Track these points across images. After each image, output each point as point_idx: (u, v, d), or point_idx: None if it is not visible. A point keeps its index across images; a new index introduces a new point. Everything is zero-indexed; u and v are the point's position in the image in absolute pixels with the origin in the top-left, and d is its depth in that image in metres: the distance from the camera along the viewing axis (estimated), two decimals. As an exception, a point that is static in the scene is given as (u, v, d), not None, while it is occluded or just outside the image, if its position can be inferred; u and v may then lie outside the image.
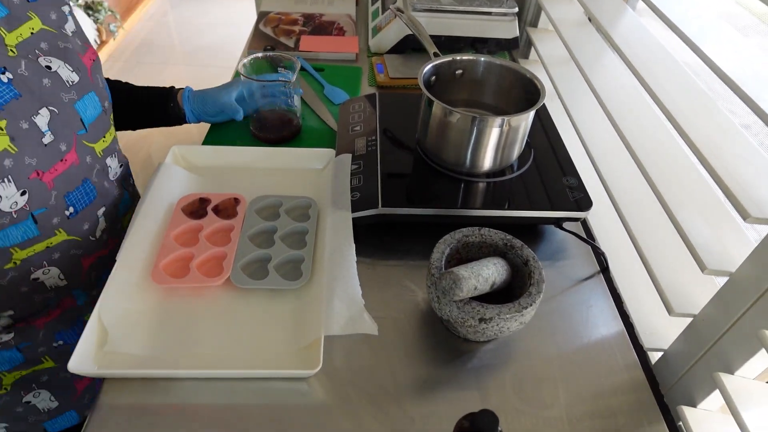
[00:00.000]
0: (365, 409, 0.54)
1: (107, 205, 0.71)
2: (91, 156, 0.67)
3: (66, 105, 0.62)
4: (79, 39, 0.67)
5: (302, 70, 1.08)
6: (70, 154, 0.62)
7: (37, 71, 0.59)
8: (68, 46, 0.63)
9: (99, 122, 0.68)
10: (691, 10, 0.67)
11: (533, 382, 0.58)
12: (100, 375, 0.55)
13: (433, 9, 1.07)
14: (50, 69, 0.60)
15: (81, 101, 0.64)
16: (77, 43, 0.66)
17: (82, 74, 0.64)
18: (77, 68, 0.64)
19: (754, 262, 0.49)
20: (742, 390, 0.49)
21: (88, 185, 0.67)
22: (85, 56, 0.66)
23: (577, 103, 0.88)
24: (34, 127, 0.58)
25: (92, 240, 0.69)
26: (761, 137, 1.06)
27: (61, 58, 0.62)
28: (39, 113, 0.58)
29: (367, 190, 0.72)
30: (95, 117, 0.67)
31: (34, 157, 0.58)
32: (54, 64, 0.61)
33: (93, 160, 0.67)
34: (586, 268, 0.71)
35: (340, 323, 0.57)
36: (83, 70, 0.65)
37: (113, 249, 0.69)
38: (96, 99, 0.67)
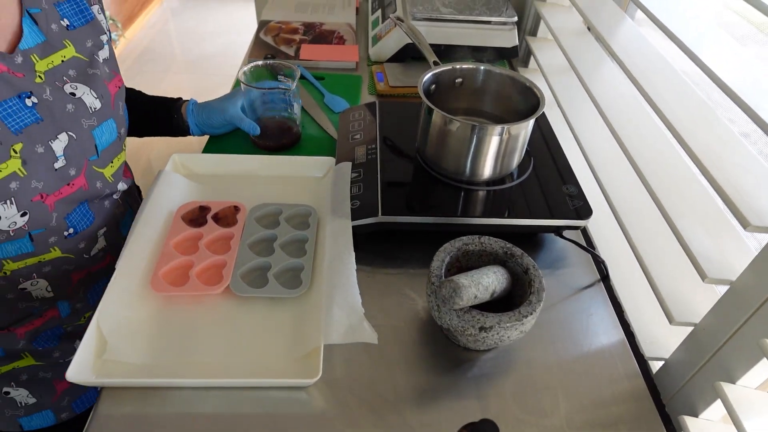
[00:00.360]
0: (365, 418, 0.54)
1: (108, 225, 0.72)
2: (101, 181, 0.67)
3: (85, 131, 0.63)
4: (109, 66, 0.69)
5: (302, 79, 1.08)
6: (78, 179, 0.63)
7: (61, 98, 0.60)
8: (96, 72, 0.65)
9: (112, 148, 0.69)
10: (690, 19, 0.68)
11: (533, 391, 0.57)
12: (98, 384, 0.55)
13: (433, 18, 1.08)
14: (74, 95, 0.61)
15: (99, 128, 0.65)
16: (105, 71, 0.67)
17: (105, 101, 0.65)
18: (101, 95, 0.65)
19: (755, 270, 0.49)
20: (744, 400, 0.49)
21: (84, 207, 0.66)
22: (111, 83, 0.68)
23: (576, 111, 0.88)
24: (50, 151, 0.58)
25: (86, 257, 0.69)
26: (760, 146, 1.06)
27: (88, 84, 0.63)
28: (57, 138, 0.59)
29: (367, 199, 0.72)
30: (110, 143, 0.68)
31: (41, 181, 0.58)
32: (79, 90, 0.62)
33: (102, 185, 0.68)
34: (586, 276, 0.71)
35: (340, 332, 0.57)
36: (107, 97, 0.66)
37: (109, 264, 0.69)
38: (114, 125, 0.68)
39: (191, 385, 0.55)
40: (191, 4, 3.82)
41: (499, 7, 1.12)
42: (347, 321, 0.58)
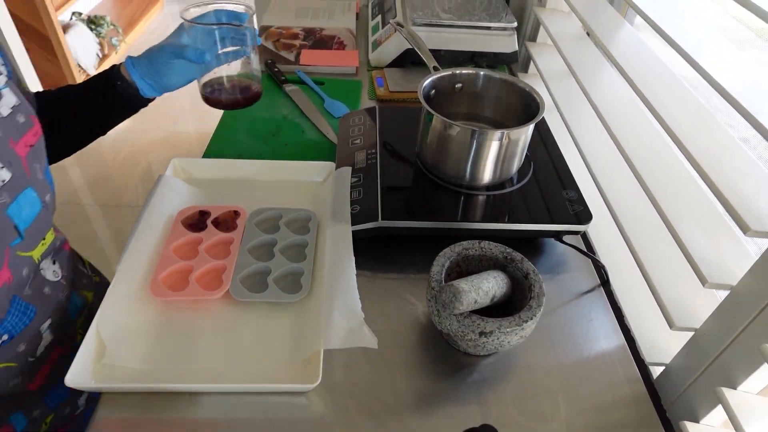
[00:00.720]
0: (365, 423, 0.54)
1: (53, 316, 0.61)
2: (27, 267, 0.56)
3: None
4: (21, 114, 0.55)
5: (302, 84, 1.09)
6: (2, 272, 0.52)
7: None
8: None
9: (38, 223, 0.56)
10: (688, 24, 0.68)
11: (534, 396, 0.57)
12: (97, 389, 0.55)
13: (433, 23, 1.08)
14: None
15: (15, 203, 0.52)
16: (16, 123, 0.54)
17: (14, 168, 0.52)
18: (8, 162, 0.51)
19: (755, 275, 0.49)
20: (745, 405, 0.49)
21: (18, 303, 0.56)
22: (19, 143, 0.54)
23: (576, 116, 0.89)
24: None
25: (31, 361, 0.60)
26: (760, 150, 1.06)
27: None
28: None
29: (367, 203, 0.72)
30: (33, 217, 0.55)
31: None
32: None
33: (29, 270, 0.57)
34: (586, 281, 0.71)
35: (340, 336, 0.57)
36: (16, 163, 0.52)
37: (63, 354, 0.62)
38: (34, 195, 0.55)
39: (191, 390, 0.55)
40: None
41: (498, 13, 1.12)
42: (347, 326, 0.58)
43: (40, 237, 0.58)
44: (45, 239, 0.59)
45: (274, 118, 0.99)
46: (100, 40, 2.87)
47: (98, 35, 2.84)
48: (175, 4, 3.88)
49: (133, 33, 3.31)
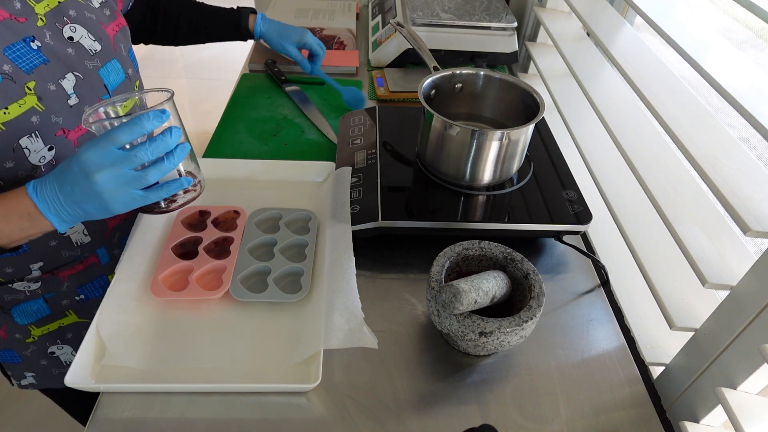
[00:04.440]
0: (364, 424, 0.54)
1: None
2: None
3: (90, 71, 0.65)
4: (107, 8, 0.70)
5: (303, 84, 1.09)
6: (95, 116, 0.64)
7: (60, 41, 0.62)
8: (92, 17, 0.66)
9: (122, 88, 0.71)
10: (689, 25, 0.68)
11: (534, 397, 0.57)
12: (97, 389, 0.54)
13: (433, 24, 1.08)
14: (72, 40, 0.63)
15: (104, 68, 0.67)
16: (104, 14, 0.69)
17: (104, 43, 0.67)
18: (99, 38, 0.66)
19: (755, 275, 0.49)
20: (745, 405, 0.49)
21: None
22: (109, 27, 0.69)
23: (576, 116, 0.89)
24: (61, 89, 0.61)
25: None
26: (760, 150, 1.06)
27: (85, 27, 0.65)
28: (65, 77, 0.62)
29: (366, 203, 0.72)
30: (118, 83, 0.70)
31: (60, 116, 0.61)
32: (77, 33, 0.64)
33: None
34: (586, 281, 0.71)
35: (340, 337, 0.57)
36: (106, 40, 0.68)
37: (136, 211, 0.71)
38: (119, 66, 0.70)
39: (190, 390, 0.55)
40: (192, 9, 3.83)
41: (498, 13, 1.12)
42: (347, 326, 0.58)
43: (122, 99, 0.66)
44: (126, 104, 0.68)
45: (274, 118, 0.99)
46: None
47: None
48: (175, 4, 3.88)
49: (133, 33, 3.30)
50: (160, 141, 0.52)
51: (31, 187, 0.53)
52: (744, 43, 1.16)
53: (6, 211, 0.53)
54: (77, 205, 0.52)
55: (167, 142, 0.52)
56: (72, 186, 0.51)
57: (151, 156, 0.52)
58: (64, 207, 0.52)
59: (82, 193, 0.51)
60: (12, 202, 0.53)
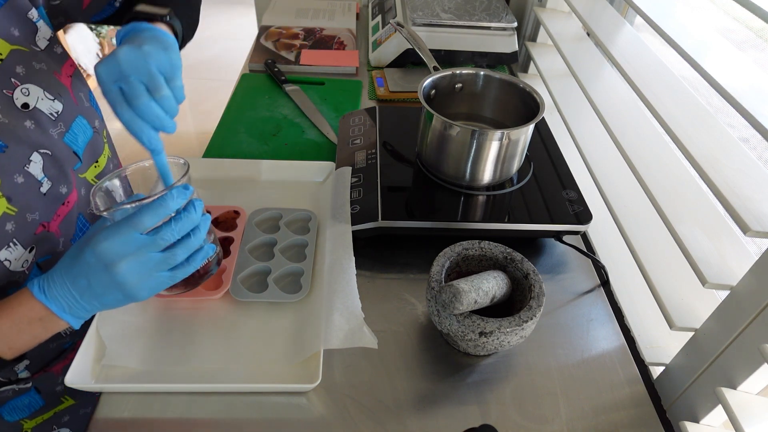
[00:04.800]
0: (364, 424, 0.54)
1: None
2: (84, 187, 0.61)
3: (56, 142, 0.55)
4: (57, 46, 0.58)
5: (303, 84, 1.09)
6: (71, 195, 0.58)
7: (15, 115, 0.51)
8: (43, 66, 0.55)
9: (91, 147, 0.61)
10: (689, 25, 0.68)
11: (534, 397, 0.57)
12: (97, 389, 0.55)
13: (433, 24, 1.08)
14: (28, 107, 0.52)
15: (70, 132, 0.57)
16: (54, 55, 0.57)
17: (65, 99, 0.56)
18: (58, 94, 0.56)
19: (755, 275, 0.49)
20: (745, 405, 0.49)
21: (81, 221, 0.61)
22: (63, 74, 0.58)
23: (576, 116, 0.89)
24: (30, 178, 0.52)
25: None
26: (760, 150, 1.07)
27: (40, 84, 0.54)
28: (31, 161, 0.52)
29: (367, 203, 0.72)
30: (86, 142, 0.60)
31: (36, 211, 0.53)
32: (31, 97, 0.53)
33: (86, 190, 0.62)
34: (586, 281, 0.71)
35: (340, 337, 0.57)
36: (65, 94, 0.57)
37: None
38: (85, 122, 0.60)
39: (190, 390, 0.55)
40: (192, 9, 3.84)
41: (498, 13, 1.12)
42: (347, 326, 0.58)
43: (92, 160, 0.62)
44: (98, 162, 0.63)
45: (274, 118, 0.99)
46: (101, 40, 2.87)
47: (98, 35, 2.84)
48: (176, 4, 3.88)
49: (134, 33, 3.30)
50: (186, 218, 0.47)
51: (37, 288, 0.46)
52: (744, 43, 1.16)
53: (15, 322, 0.47)
54: (96, 298, 0.47)
55: (192, 218, 0.47)
56: (88, 279, 0.46)
57: (178, 236, 0.47)
58: (79, 303, 0.47)
59: (102, 286, 0.46)
60: (18, 311, 0.47)
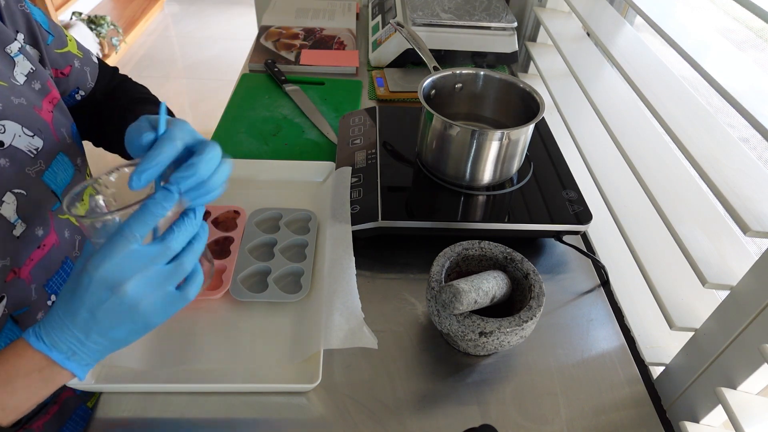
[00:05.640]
0: (364, 424, 0.54)
1: None
2: (68, 229, 0.58)
3: (33, 181, 0.52)
4: (37, 81, 0.55)
5: (303, 84, 1.09)
6: (48, 238, 0.54)
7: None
8: (22, 101, 0.52)
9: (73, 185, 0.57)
10: (689, 25, 0.68)
11: (534, 397, 0.57)
12: (97, 389, 0.55)
13: (433, 23, 1.08)
14: (3, 145, 0.49)
15: (49, 170, 0.54)
16: (33, 90, 0.54)
17: (45, 135, 0.53)
18: (38, 129, 0.52)
19: (755, 275, 0.49)
20: (745, 405, 0.49)
21: (68, 265, 0.57)
22: (43, 108, 0.55)
23: (576, 116, 0.89)
24: (2, 219, 0.48)
25: None
26: (760, 150, 1.07)
27: (18, 121, 0.51)
28: (3, 201, 0.48)
29: (366, 203, 0.72)
30: (67, 182, 0.57)
31: (7, 256, 0.49)
32: (7, 134, 0.50)
33: (71, 232, 0.58)
34: (586, 281, 0.71)
35: (340, 337, 0.57)
36: (45, 131, 0.53)
37: None
38: (66, 160, 0.56)
39: (190, 390, 0.55)
40: (192, 9, 3.84)
41: (498, 13, 1.12)
42: (347, 326, 0.58)
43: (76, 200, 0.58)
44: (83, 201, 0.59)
45: (274, 118, 0.99)
46: (101, 40, 2.87)
47: (98, 35, 2.84)
48: (175, 4, 3.88)
49: (133, 33, 3.31)
50: (188, 222, 0.42)
51: (33, 335, 0.41)
52: (744, 43, 1.16)
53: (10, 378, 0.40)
54: (103, 334, 0.41)
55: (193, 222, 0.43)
56: (91, 311, 0.40)
57: (184, 241, 0.42)
58: (84, 344, 0.41)
59: (109, 316, 0.40)
60: (12, 363, 0.40)
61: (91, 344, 0.42)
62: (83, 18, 2.84)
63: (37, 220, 0.52)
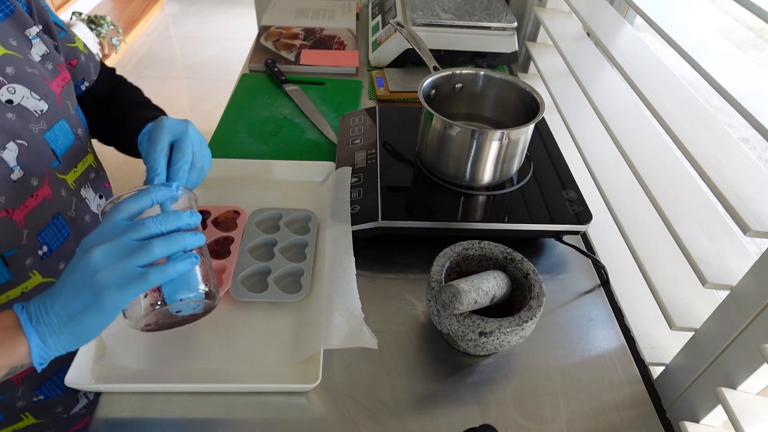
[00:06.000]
0: (364, 424, 0.54)
1: None
2: (65, 189, 0.62)
3: (36, 136, 0.57)
4: (50, 62, 0.62)
5: (303, 84, 1.09)
6: (42, 189, 0.58)
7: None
8: (35, 72, 0.59)
9: (73, 151, 0.63)
10: (689, 25, 0.68)
11: (534, 397, 0.57)
12: (97, 389, 0.55)
13: (433, 23, 1.08)
14: (12, 103, 0.55)
15: (51, 131, 0.59)
16: (46, 69, 0.61)
17: (51, 101, 0.59)
18: (45, 95, 0.59)
19: (755, 275, 0.49)
20: (745, 405, 0.49)
21: (59, 221, 0.61)
22: (54, 82, 0.61)
23: (576, 116, 0.89)
24: (1, 162, 0.54)
25: None
26: (760, 150, 1.07)
27: (27, 85, 0.57)
28: (6, 148, 0.54)
29: (366, 203, 0.72)
30: (68, 146, 0.62)
31: (2, 195, 0.54)
32: (17, 94, 0.56)
33: (67, 193, 0.63)
34: (586, 281, 0.71)
35: (340, 337, 0.57)
36: (52, 97, 0.60)
37: None
38: (67, 127, 0.62)
39: (190, 390, 0.55)
40: (192, 9, 3.84)
41: (498, 13, 1.12)
42: (347, 326, 0.58)
43: (73, 165, 0.64)
44: (77, 168, 0.65)
45: (274, 118, 0.99)
46: (101, 40, 2.87)
47: (98, 35, 2.84)
48: (175, 4, 3.88)
49: (133, 33, 3.31)
50: (174, 215, 0.46)
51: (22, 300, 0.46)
52: (744, 43, 1.16)
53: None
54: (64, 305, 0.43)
55: (181, 216, 0.46)
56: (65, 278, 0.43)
57: (161, 227, 0.45)
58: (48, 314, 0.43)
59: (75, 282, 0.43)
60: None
61: (53, 316, 0.43)
62: (83, 18, 2.84)
63: (34, 171, 0.57)
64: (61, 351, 0.44)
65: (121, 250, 0.43)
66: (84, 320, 0.43)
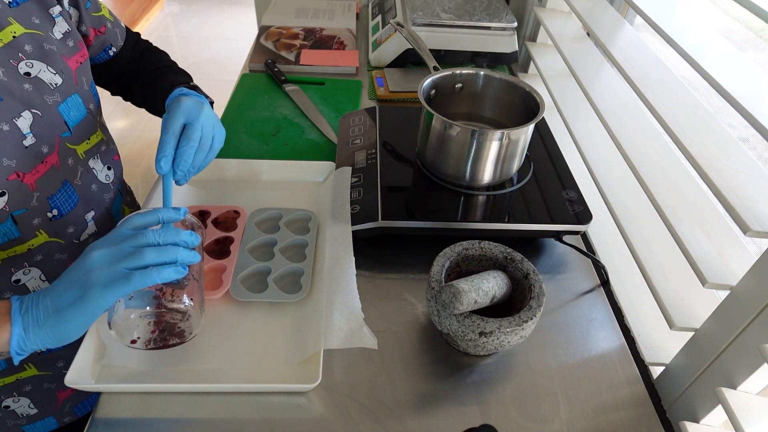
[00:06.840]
0: (364, 424, 0.54)
1: (96, 209, 0.69)
2: (73, 158, 0.66)
3: (50, 107, 0.61)
4: (71, 39, 0.66)
5: (303, 84, 1.09)
6: (51, 156, 0.62)
7: (16, 78, 0.58)
8: (53, 48, 0.62)
9: (84, 124, 0.67)
10: (689, 25, 0.68)
11: (534, 397, 0.57)
12: (97, 389, 0.54)
13: (433, 23, 1.08)
14: (29, 75, 0.59)
15: (64, 103, 0.63)
16: (67, 46, 0.65)
17: (66, 76, 0.63)
18: (60, 70, 0.63)
19: (755, 275, 0.49)
20: (745, 405, 0.49)
21: (68, 187, 0.65)
22: (71, 59, 0.65)
23: (576, 116, 0.89)
24: (15, 129, 0.57)
25: (76, 243, 0.67)
26: (760, 150, 1.07)
27: (44, 61, 0.61)
28: (21, 115, 0.58)
29: (367, 203, 0.72)
30: (80, 119, 0.66)
31: (14, 159, 0.57)
32: (35, 68, 0.60)
33: (75, 162, 0.66)
34: (586, 281, 0.71)
35: (340, 337, 0.57)
36: (67, 72, 0.64)
37: None
38: (80, 101, 0.66)
39: (190, 390, 0.55)
40: (192, 9, 3.84)
41: (498, 13, 1.12)
42: (347, 326, 0.58)
43: (84, 137, 0.67)
44: (89, 140, 0.68)
45: (274, 118, 0.99)
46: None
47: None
48: (175, 4, 3.88)
49: (134, 33, 3.31)
50: (173, 230, 0.50)
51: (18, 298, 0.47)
52: (744, 43, 1.17)
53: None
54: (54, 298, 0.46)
55: (179, 233, 0.50)
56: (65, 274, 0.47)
57: (158, 239, 0.49)
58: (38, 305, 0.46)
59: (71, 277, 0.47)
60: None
61: (41, 308, 0.46)
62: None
63: (46, 139, 0.60)
64: (40, 346, 0.46)
65: (116, 254, 0.47)
66: (66, 316, 0.46)
